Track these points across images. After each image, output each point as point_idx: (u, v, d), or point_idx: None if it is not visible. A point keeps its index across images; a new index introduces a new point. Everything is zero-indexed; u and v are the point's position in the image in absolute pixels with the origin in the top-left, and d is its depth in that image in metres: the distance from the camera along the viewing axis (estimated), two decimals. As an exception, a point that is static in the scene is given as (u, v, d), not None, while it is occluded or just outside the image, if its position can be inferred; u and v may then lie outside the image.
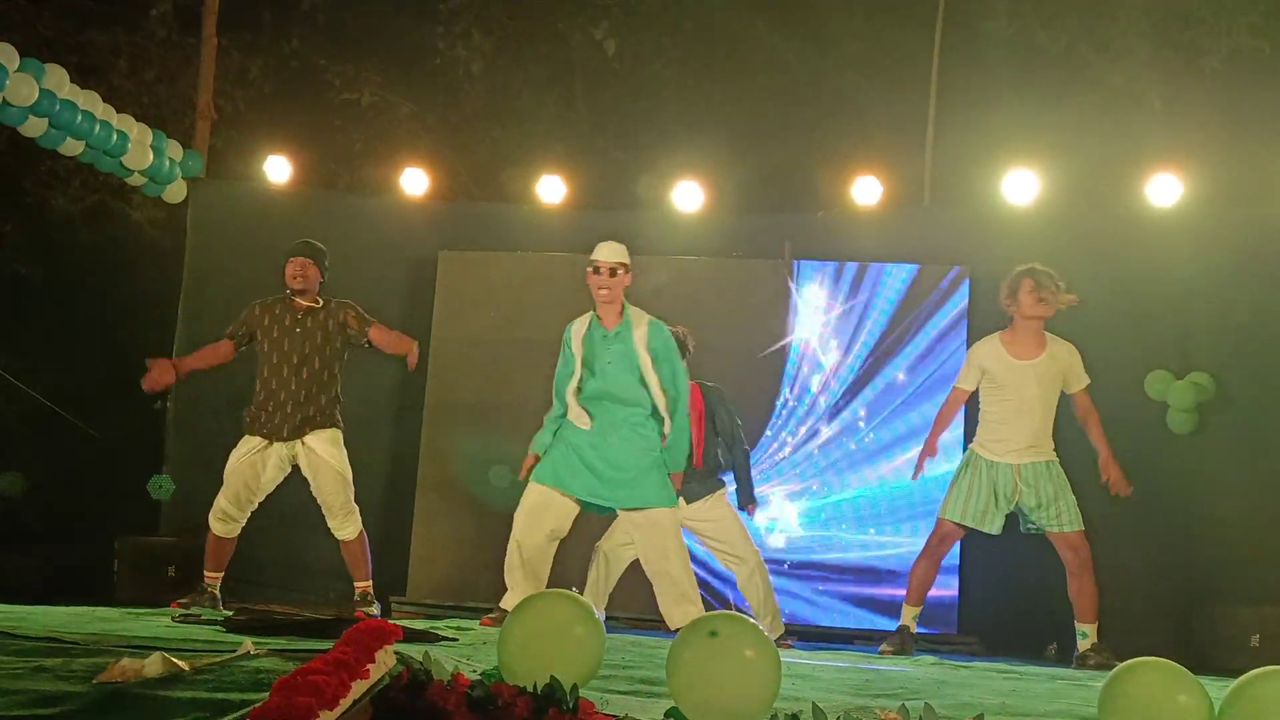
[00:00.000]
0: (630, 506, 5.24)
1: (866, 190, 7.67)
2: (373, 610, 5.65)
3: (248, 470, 5.70)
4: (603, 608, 5.78)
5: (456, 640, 3.93)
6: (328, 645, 2.26)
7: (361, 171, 10.30)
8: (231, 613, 4.40)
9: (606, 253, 5.33)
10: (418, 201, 8.06)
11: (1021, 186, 7.34)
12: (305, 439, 5.70)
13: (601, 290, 5.29)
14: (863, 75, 10.11)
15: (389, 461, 7.51)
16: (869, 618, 7.04)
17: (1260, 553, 6.58)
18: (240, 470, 5.70)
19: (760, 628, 2.31)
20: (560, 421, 5.36)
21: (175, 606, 5.45)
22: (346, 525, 5.76)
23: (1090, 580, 5.44)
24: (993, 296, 5.95)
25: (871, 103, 9.95)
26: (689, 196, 7.80)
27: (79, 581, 7.03)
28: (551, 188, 7.95)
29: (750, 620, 2.33)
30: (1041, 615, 6.57)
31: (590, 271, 5.33)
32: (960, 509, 5.56)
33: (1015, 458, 5.49)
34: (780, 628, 5.80)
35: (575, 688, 2.20)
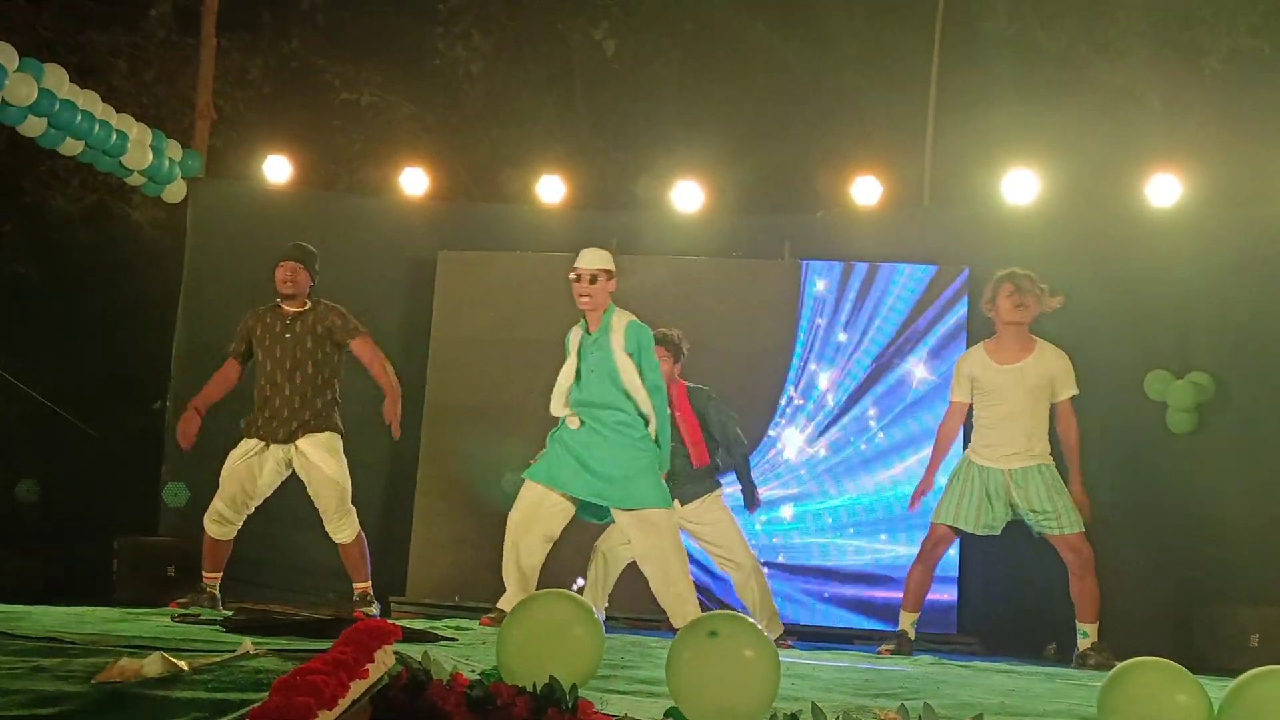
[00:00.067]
0: (626, 507, 5.24)
1: (866, 190, 7.66)
2: (372, 611, 5.64)
3: (244, 473, 5.69)
4: (602, 607, 5.78)
5: (455, 640, 3.92)
6: (327, 645, 2.25)
7: (361, 172, 10.30)
8: (231, 612, 4.40)
9: (586, 260, 5.30)
10: (417, 201, 8.06)
11: (1021, 186, 7.34)
12: (299, 442, 5.69)
13: (583, 298, 5.27)
14: (862, 75, 10.11)
15: (389, 461, 7.50)
16: (862, 620, 7.02)
17: (1259, 553, 6.58)
18: (236, 472, 5.70)
19: (759, 627, 2.31)
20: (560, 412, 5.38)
21: (174, 606, 5.45)
22: (343, 529, 5.75)
23: (1092, 581, 5.44)
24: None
25: (871, 103, 9.96)
26: (688, 196, 7.79)
27: (78, 581, 7.02)
28: (551, 188, 7.95)
29: (750, 620, 2.32)
30: (1041, 615, 6.57)
31: (573, 279, 5.31)
32: (952, 513, 5.56)
33: (1007, 463, 5.48)
34: (779, 628, 5.80)
35: (574, 688, 2.20)
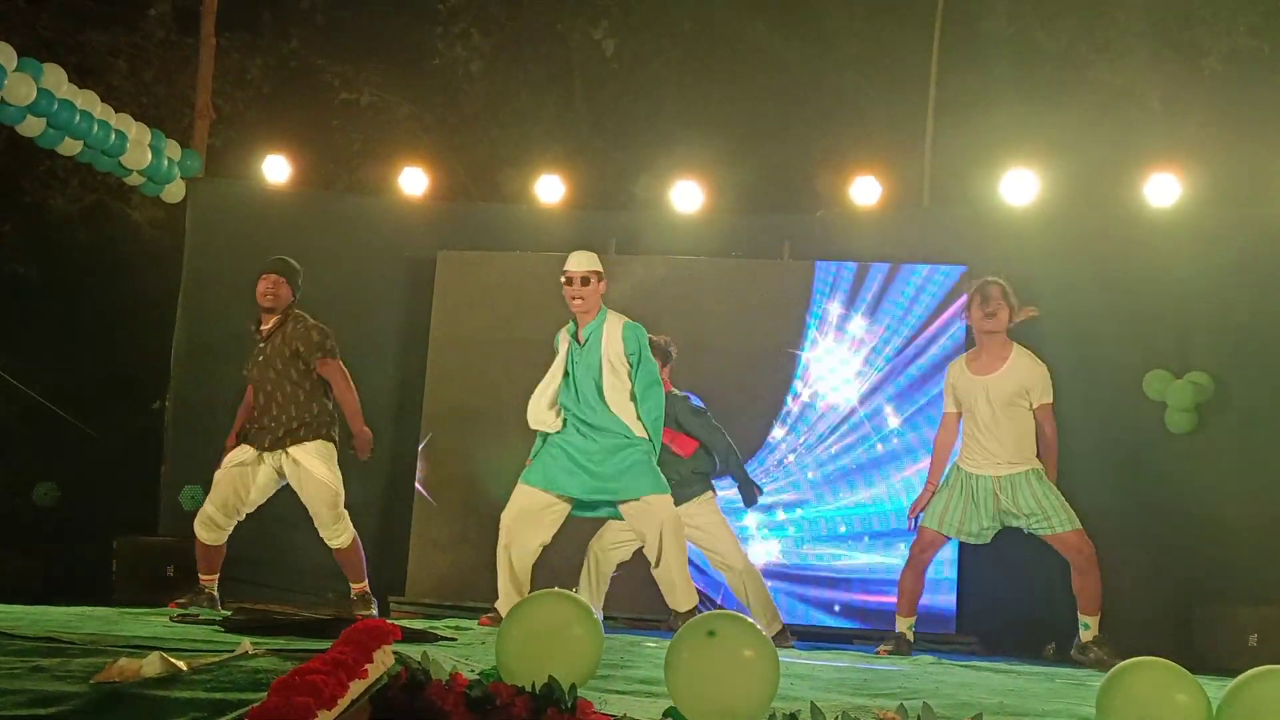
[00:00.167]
0: (624, 498, 5.24)
1: (866, 190, 7.66)
2: (370, 612, 5.63)
3: (237, 479, 5.68)
4: (598, 607, 5.78)
5: (455, 640, 3.92)
6: (326, 645, 2.25)
7: (360, 171, 10.30)
8: (229, 612, 4.40)
9: (577, 262, 5.31)
10: (416, 201, 8.06)
11: (1021, 186, 7.34)
12: (289, 450, 5.69)
13: (576, 300, 5.28)
14: (862, 75, 10.11)
15: (388, 461, 7.50)
16: (862, 623, 7.00)
17: (1259, 553, 6.58)
18: (230, 477, 5.69)
19: (758, 627, 2.31)
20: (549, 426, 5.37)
21: (174, 606, 5.45)
22: (339, 535, 5.74)
23: (1095, 576, 5.43)
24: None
25: (871, 103, 9.96)
26: (688, 196, 7.79)
27: (78, 582, 7.02)
28: (550, 187, 7.95)
29: (748, 620, 2.33)
30: (1040, 615, 6.57)
31: (564, 282, 5.31)
32: (939, 518, 5.56)
33: (994, 469, 5.49)
34: (778, 626, 5.80)
35: (574, 687, 2.20)
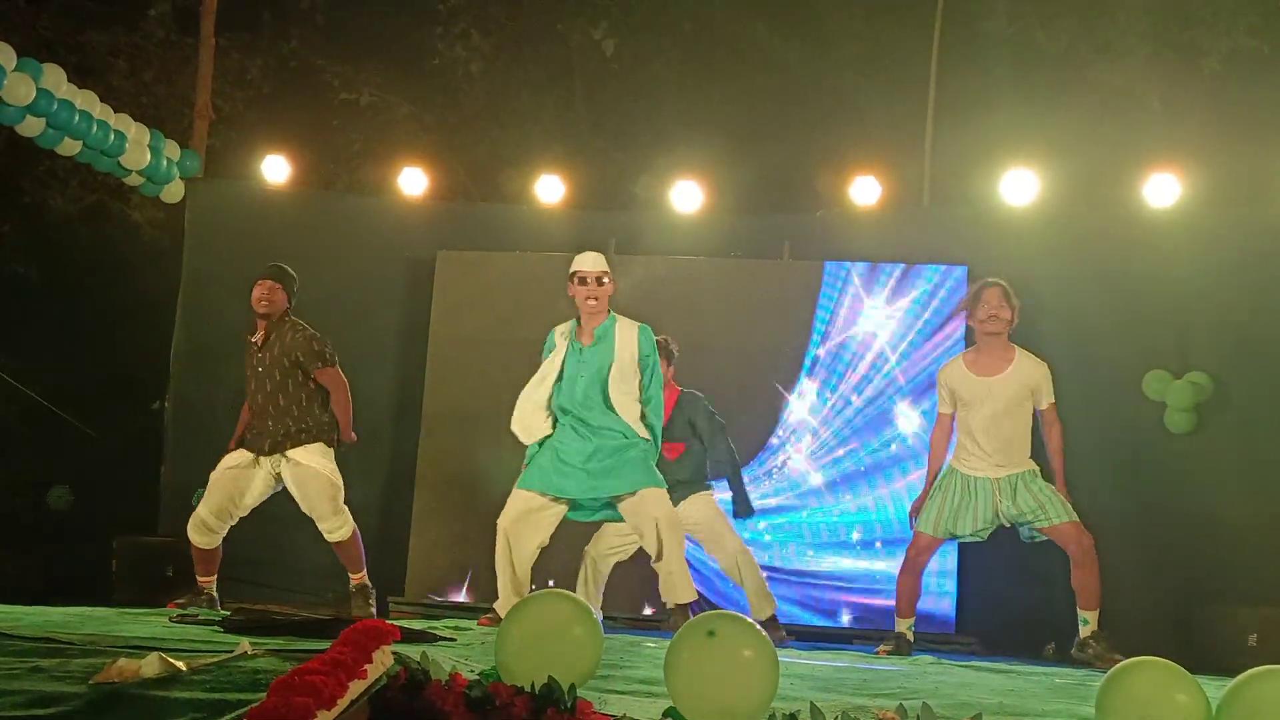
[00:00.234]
0: (619, 492, 5.23)
1: (865, 190, 7.66)
2: (369, 603, 5.65)
3: (231, 484, 5.66)
4: (596, 608, 5.79)
5: (454, 640, 3.92)
6: (325, 645, 2.25)
7: (360, 171, 10.31)
8: (229, 613, 4.40)
9: (591, 262, 5.26)
10: (416, 201, 8.06)
11: (1021, 186, 7.34)
12: (288, 454, 5.67)
13: (590, 300, 5.23)
14: (862, 75, 10.12)
15: (387, 461, 7.50)
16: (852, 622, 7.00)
17: (1258, 552, 6.59)
18: (224, 481, 5.66)
19: (757, 627, 2.31)
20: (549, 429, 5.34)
21: (173, 606, 5.44)
22: (339, 527, 5.71)
23: (1094, 570, 5.41)
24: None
25: (870, 103, 9.96)
26: (688, 196, 7.79)
27: (77, 582, 7.03)
28: (550, 188, 7.95)
29: (748, 620, 2.33)
30: (1039, 615, 6.57)
31: (575, 282, 5.25)
32: (934, 521, 5.55)
33: (994, 471, 5.47)
34: (770, 609, 5.81)
35: (573, 688, 2.20)
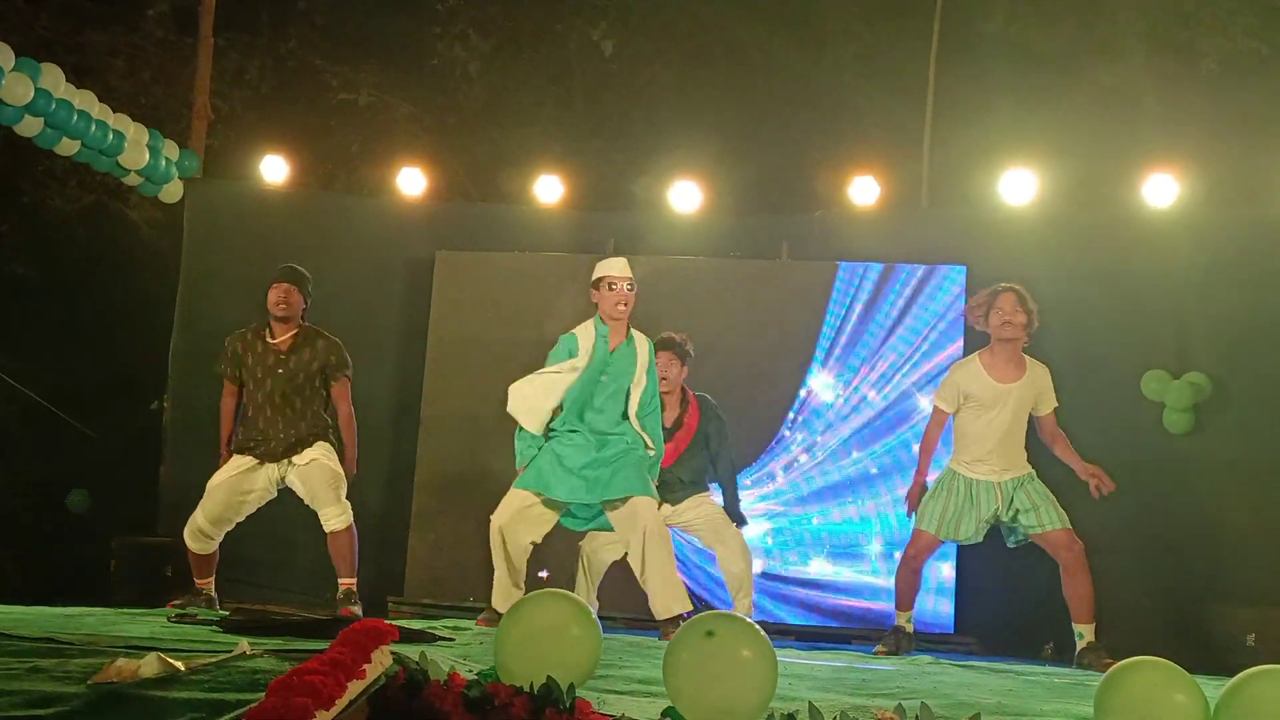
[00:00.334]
0: (608, 498, 5.22)
1: (864, 190, 7.66)
2: (356, 610, 5.59)
3: (231, 492, 5.61)
4: (592, 600, 5.84)
5: (453, 640, 3.92)
6: (324, 646, 2.25)
7: (359, 172, 10.30)
8: (225, 614, 4.40)
9: (620, 268, 5.27)
10: (415, 202, 8.06)
11: (1019, 187, 7.34)
12: (294, 458, 5.66)
13: (620, 306, 5.22)
14: (860, 76, 10.12)
15: (386, 461, 7.50)
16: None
17: (1256, 552, 6.59)
18: (225, 489, 5.61)
19: (757, 627, 2.31)
20: (540, 440, 5.32)
21: (172, 606, 5.42)
22: (338, 515, 5.65)
23: (1086, 579, 5.40)
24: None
25: (869, 103, 9.96)
26: (686, 197, 7.79)
27: (76, 582, 7.02)
28: (549, 188, 7.95)
29: (747, 620, 2.33)
30: (1038, 615, 6.55)
31: (604, 288, 5.24)
32: (937, 522, 5.54)
33: (996, 476, 5.48)
34: (747, 604, 5.83)
35: (572, 688, 2.20)
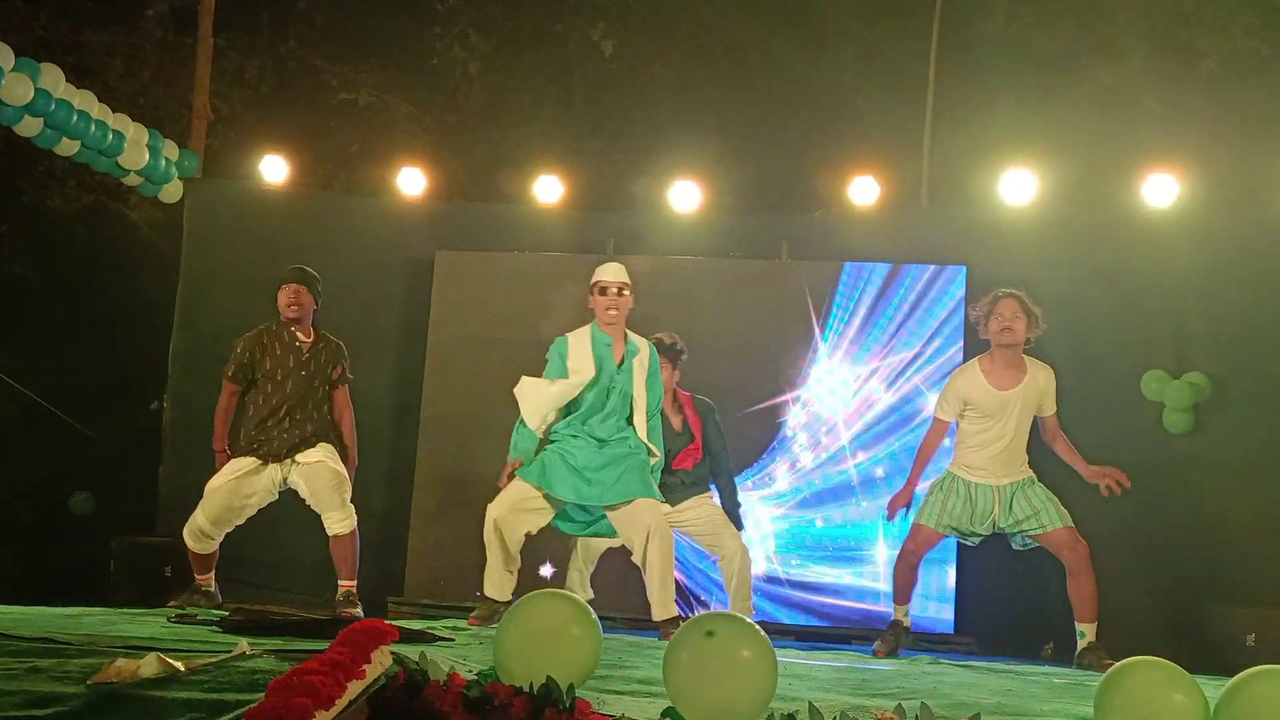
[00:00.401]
0: (609, 502, 5.23)
1: (864, 190, 7.65)
2: (356, 612, 5.59)
3: (234, 494, 5.61)
4: (586, 586, 5.87)
5: (453, 640, 3.93)
6: (324, 646, 2.25)
7: (358, 172, 10.30)
8: (228, 612, 4.40)
9: (613, 273, 5.30)
10: (415, 202, 8.06)
11: (1019, 187, 7.34)
12: (298, 457, 5.67)
13: (611, 311, 5.25)
14: (860, 76, 10.12)
15: (386, 461, 7.49)
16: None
17: (1256, 552, 6.59)
18: (227, 491, 5.61)
19: (757, 627, 2.31)
20: (538, 435, 5.35)
21: (171, 605, 5.41)
22: (343, 519, 5.66)
23: (1090, 579, 5.41)
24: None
25: (869, 103, 9.96)
26: (686, 197, 7.79)
27: (76, 582, 7.02)
28: (549, 188, 7.94)
29: (747, 621, 2.33)
30: (1038, 615, 6.57)
31: (596, 292, 5.28)
32: (936, 516, 5.54)
33: (996, 480, 5.48)
34: (748, 613, 5.83)
35: (572, 688, 2.20)
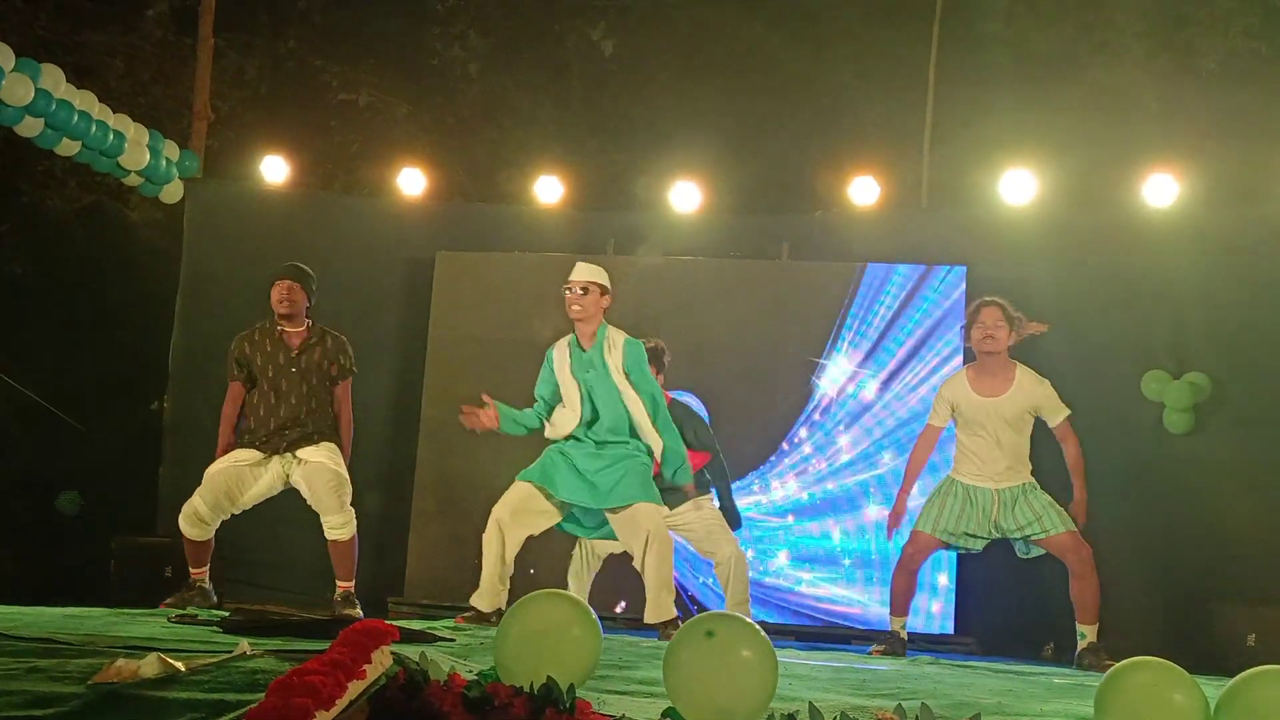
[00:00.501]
0: (610, 506, 5.24)
1: (864, 190, 7.65)
2: (355, 613, 5.59)
3: (233, 478, 5.59)
4: (588, 587, 5.88)
5: (453, 640, 3.92)
6: (324, 646, 2.25)
7: (358, 172, 10.31)
8: (227, 612, 4.39)
9: (577, 272, 5.36)
10: (415, 202, 8.06)
11: (1019, 187, 7.34)
12: (299, 452, 5.66)
13: (574, 307, 5.32)
14: (860, 76, 10.13)
15: (386, 461, 7.50)
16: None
17: (1256, 552, 6.59)
18: (225, 475, 5.59)
19: (757, 627, 2.31)
20: (539, 421, 5.45)
21: (164, 606, 5.38)
22: (343, 524, 5.66)
23: (1093, 582, 5.40)
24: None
25: (869, 103, 9.97)
26: (686, 197, 7.79)
27: (75, 582, 7.01)
28: (548, 188, 7.95)
29: (747, 621, 2.33)
30: (1038, 615, 6.57)
31: (565, 292, 5.36)
32: (934, 521, 5.54)
33: (994, 483, 5.49)
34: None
35: (572, 688, 2.20)
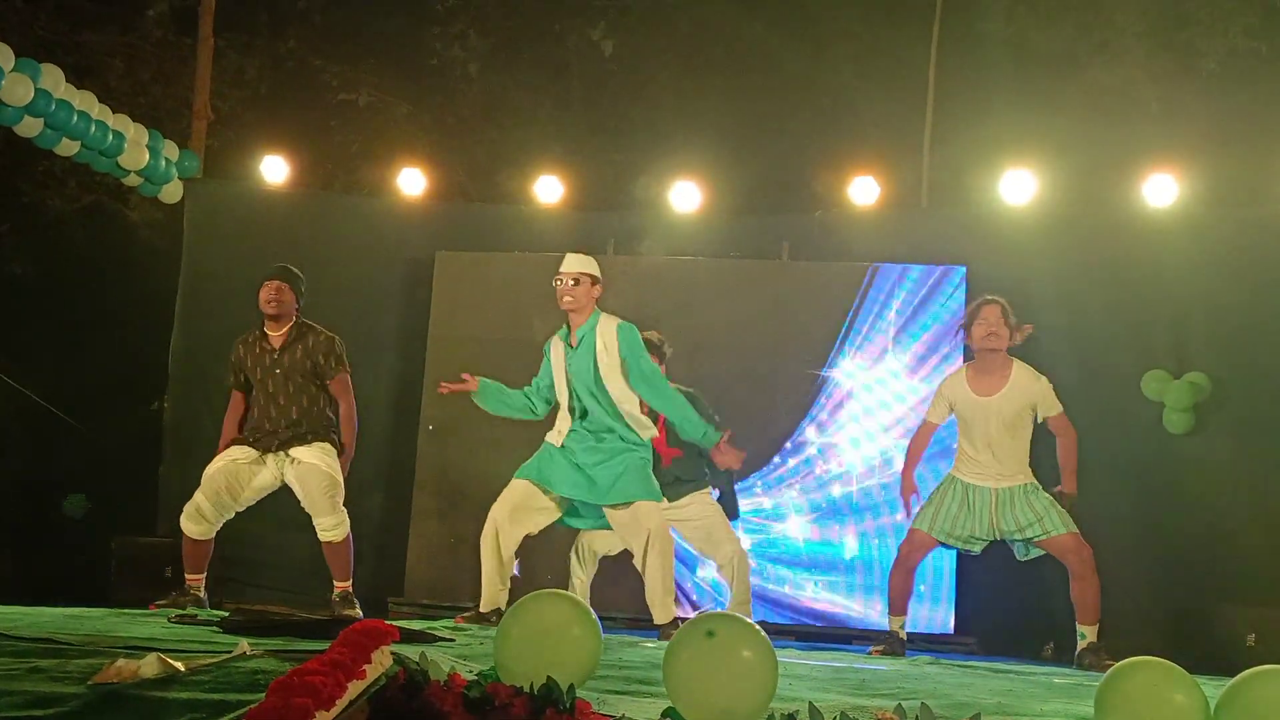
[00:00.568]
0: (610, 503, 5.25)
1: (864, 190, 7.66)
2: (354, 613, 5.58)
3: (232, 475, 5.60)
4: (587, 585, 5.88)
5: (453, 640, 3.92)
6: (324, 646, 2.25)
7: (358, 172, 10.31)
8: (225, 614, 4.39)
9: (567, 264, 5.39)
10: (415, 202, 8.06)
11: (1019, 187, 7.34)
12: (292, 451, 5.67)
13: (565, 298, 5.35)
14: (860, 76, 10.13)
15: (386, 462, 7.50)
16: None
17: (1256, 552, 6.59)
18: (224, 472, 5.60)
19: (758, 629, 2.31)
20: (524, 400, 5.53)
21: (154, 608, 5.31)
22: (335, 526, 5.65)
23: (1094, 583, 5.40)
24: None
25: (869, 103, 9.97)
26: (686, 197, 7.79)
27: (75, 582, 7.02)
28: (548, 188, 7.95)
29: (747, 620, 2.33)
30: (1038, 615, 6.57)
31: (556, 284, 5.39)
32: (931, 520, 5.54)
33: (995, 482, 5.49)
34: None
35: (572, 688, 2.20)
